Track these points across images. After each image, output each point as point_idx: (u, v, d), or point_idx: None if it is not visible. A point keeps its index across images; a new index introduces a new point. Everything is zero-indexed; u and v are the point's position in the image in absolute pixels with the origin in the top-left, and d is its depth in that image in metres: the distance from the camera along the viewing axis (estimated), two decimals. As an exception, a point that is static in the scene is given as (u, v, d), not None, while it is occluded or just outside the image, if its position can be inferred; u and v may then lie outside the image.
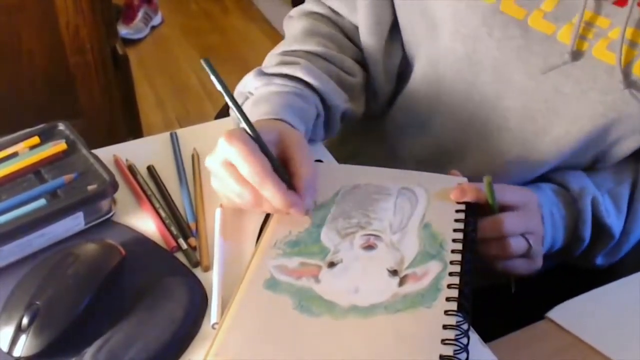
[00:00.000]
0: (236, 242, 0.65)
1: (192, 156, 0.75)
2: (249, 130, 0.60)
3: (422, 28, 0.75)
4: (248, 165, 0.58)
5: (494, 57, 0.70)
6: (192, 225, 0.67)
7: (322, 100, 0.75)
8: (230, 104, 0.61)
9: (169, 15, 2.78)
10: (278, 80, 0.72)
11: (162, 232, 0.66)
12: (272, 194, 0.59)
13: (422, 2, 0.74)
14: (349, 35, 0.81)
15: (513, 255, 0.66)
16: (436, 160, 0.79)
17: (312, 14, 0.82)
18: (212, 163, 0.62)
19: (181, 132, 0.79)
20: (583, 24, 0.65)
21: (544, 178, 0.76)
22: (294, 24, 0.82)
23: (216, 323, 0.57)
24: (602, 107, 0.68)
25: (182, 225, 0.67)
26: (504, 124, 0.73)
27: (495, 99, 0.72)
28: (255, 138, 0.60)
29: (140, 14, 2.60)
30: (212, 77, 0.59)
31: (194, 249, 0.65)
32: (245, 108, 0.71)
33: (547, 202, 0.71)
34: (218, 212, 0.67)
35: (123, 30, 2.52)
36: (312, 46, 0.77)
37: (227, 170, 0.60)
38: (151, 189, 0.71)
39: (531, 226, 0.67)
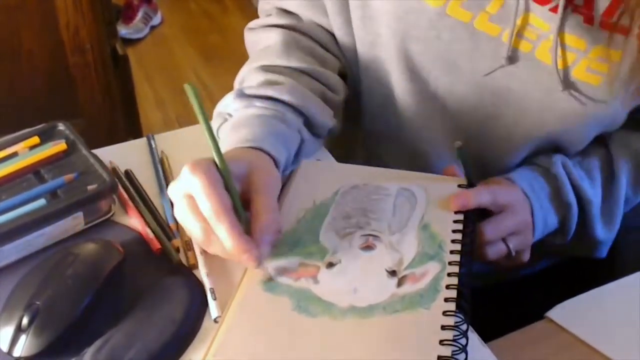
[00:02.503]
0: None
1: (162, 160, 0.74)
2: (217, 161, 0.56)
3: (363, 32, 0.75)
4: (206, 200, 0.54)
5: (443, 58, 0.71)
6: (173, 226, 0.66)
7: (308, 120, 0.72)
8: (205, 131, 0.56)
9: (169, 15, 2.78)
10: (259, 103, 0.69)
11: (145, 235, 0.65)
12: (225, 236, 0.54)
13: (364, 4, 0.73)
14: (327, 46, 0.78)
15: (491, 260, 0.67)
16: (412, 162, 0.79)
17: (284, 27, 0.78)
18: (173, 192, 0.58)
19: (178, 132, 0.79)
20: (527, 27, 0.67)
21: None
22: (265, 35, 0.78)
23: (219, 317, 0.57)
24: (546, 106, 0.70)
25: (163, 227, 0.66)
26: (460, 109, 0.74)
27: (449, 91, 0.73)
28: (222, 171, 0.56)
29: (140, 14, 2.60)
30: (193, 102, 0.55)
31: (177, 250, 0.64)
32: (223, 130, 0.69)
33: (525, 179, 0.72)
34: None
35: (123, 30, 2.52)
36: (296, 63, 0.74)
37: (186, 202, 0.56)
38: (132, 192, 0.70)
39: (515, 226, 0.67)
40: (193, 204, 0.56)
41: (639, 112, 0.74)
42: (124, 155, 0.75)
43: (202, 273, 0.61)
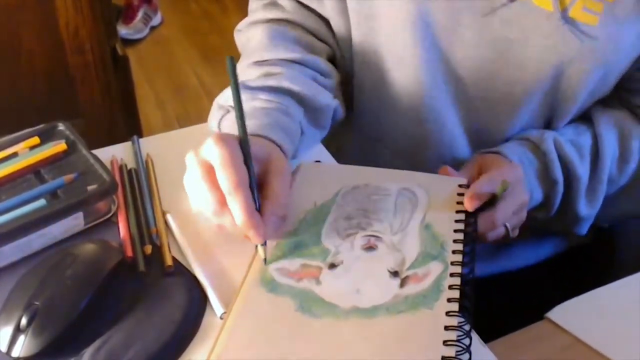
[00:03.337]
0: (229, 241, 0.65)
1: (146, 162, 0.74)
2: (241, 138, 0.59)
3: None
4: (226, 172, 0.56)
5: (442, 13, 0.71)
6: (153, 230, 0.65)
7: (311, 106, 0.73)
8: (235, 106, 0.59)
9: (169, 15, 2.77)
10: (262, 95, 0.70)
11: (125, 239, 0.64)
12: (238, 209, 0.56)
13: None
14: (314, 33, 0.79)
15: (490, 241, 0.68)
16: (415, 141, 0.79)
17: (268, 21, 0.79)
18: (191, 159, 0.60)
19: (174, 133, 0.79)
20: None
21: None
22: (251, 33, 0.79)
23: (224, 313, 0.57)
24: (545, 51, 0.70)
25: (142, 232, 0.65)
26: (461, 73, 0.75)
27: (448, 52, 0.73)
28: (245, 148, 0.59)
29: (140, 14, 2.60)
30: (231, 78, 0.58)
31: (148, 256, 0.62)
32: (226, 122, 0.70)
33: (516, 153, 0.73)
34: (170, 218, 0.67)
35: (123, 31, 2.52)
36: (283, 53, 0.75)
37: (203, 170, 0.58)
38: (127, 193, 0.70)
39: (518, 204, 0.68)
40: (211, 174, 0.57)
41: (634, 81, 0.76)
42: (123, 156, 0.75)
43: (199, 274, 0.61)
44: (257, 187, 0.59)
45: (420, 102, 0.76)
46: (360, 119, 0.83)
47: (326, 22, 0.79)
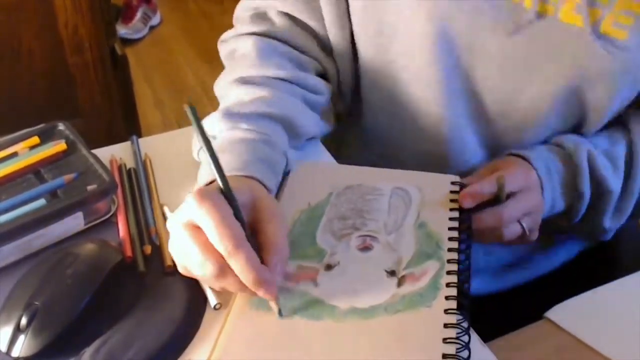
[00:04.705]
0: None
1: (145, 162, 0.74)
2: (224, 190, 0.54)
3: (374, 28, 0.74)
4: (220, 232, 0.51)
5: (465, 32, 0.70)
6: (152, 230, 0.65)
7: (294, 130, 0.70)
8: (210, 159, 0.54)
9: (168, 15, 2.77)
10: (243, 124, 0.66)
11: (124, 238, 0.64)
12: (242, 268, 0.51)
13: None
14: (303, 49, 0.76)
15: (507, 241, 0.68)
16: (425, 149, 0.78)
17: (256, 34, 0.76)
18: (174, 223, 0.55)
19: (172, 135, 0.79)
20: None
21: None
22: (238, 45, 0.76)
23: (218, 303, 0.57)
24: (574, 67, 0.69)
25: (141, 232, 0.65)
26: (481, 91, 0.74)
27: (469, 70, 0.72)
28: (231, 201, 0.54)
29: (139, 14, 2.60)
30: (194, 124, 0.54)
31: (148, 256, 0.62)
32: (202, 158, 0.67)
33: (542, 159, 0.71)
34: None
35: (122, 30, 2.51)
36: (273, 70, 0.72)
37: (191, 233, 0.53)
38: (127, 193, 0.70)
39: (530, 207, 0.68)
40: (201, 236, 0.52)
41: None
42: (122, 156, 0.75)
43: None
44: (251, 238, 0.55)
45: (439, 121, 0.75)
46: (370, 135, 0.82)
47: (317, 39, 0.77)
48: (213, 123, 0.68)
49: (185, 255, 0.55)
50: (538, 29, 0.68)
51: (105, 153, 0.74)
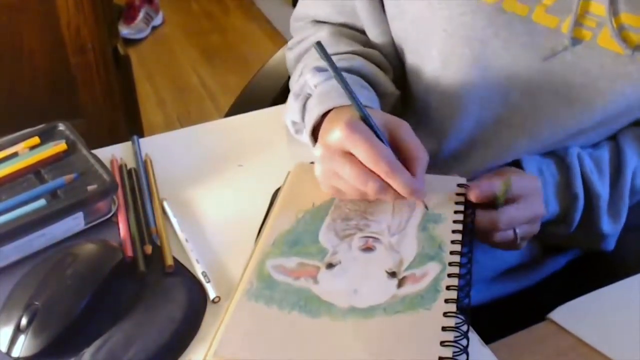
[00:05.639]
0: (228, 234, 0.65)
1: (145, 162, 0.74)
2: (369, 121, 0.61)
3: (414, 37, 0.76)
4: (376, 155, 0.58)
5: (500, 56, 0.70)
6: (154, 230, 0.65)
7: (378, 91, 0.75)
8: (344, 90, 0.61)
9: (170, 15, 2.78)
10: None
11: (124, 238, 0.64)
12: (401, 183, 0.59)
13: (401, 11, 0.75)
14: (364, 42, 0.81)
15: (495, 244, 0.67)
16: (442, 160, 0.79)
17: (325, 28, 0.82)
18: (326, 152, 0.61)
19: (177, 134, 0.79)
20: (586, 14, 0.66)
21: None
22: (309, 38, 0.82)
23: (217, 297, 0.59)
24: (613, 93, 0.68)
25: (142, 232, 0.65)
26: (511, 120, 0.73)
27: (505, 95, 0.72)
28: (374, 127, 0.61)
29: (141, 14, 2.60)
30: (324, 59, 0.60)
31: (148, 255, 0.63)
32: (310, 106, 0.71)
33: (534, 160, 0.72)
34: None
35: (124, 30, 2.52)
36: (345, 47, 0.77)
37: (348, 159, 0.60)
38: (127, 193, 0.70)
39: (531, 215, 0.67)
40: (355, 160, 0.59)
41: None
42: (123, 156, 0.75)
43: (192, 260, 0.62)
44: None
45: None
46: None
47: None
48: (307, 81, 0.73)
49: (338, 177, 0.62)
50: (574, 54, 0.67)
51: (106, 153, 0.74)
